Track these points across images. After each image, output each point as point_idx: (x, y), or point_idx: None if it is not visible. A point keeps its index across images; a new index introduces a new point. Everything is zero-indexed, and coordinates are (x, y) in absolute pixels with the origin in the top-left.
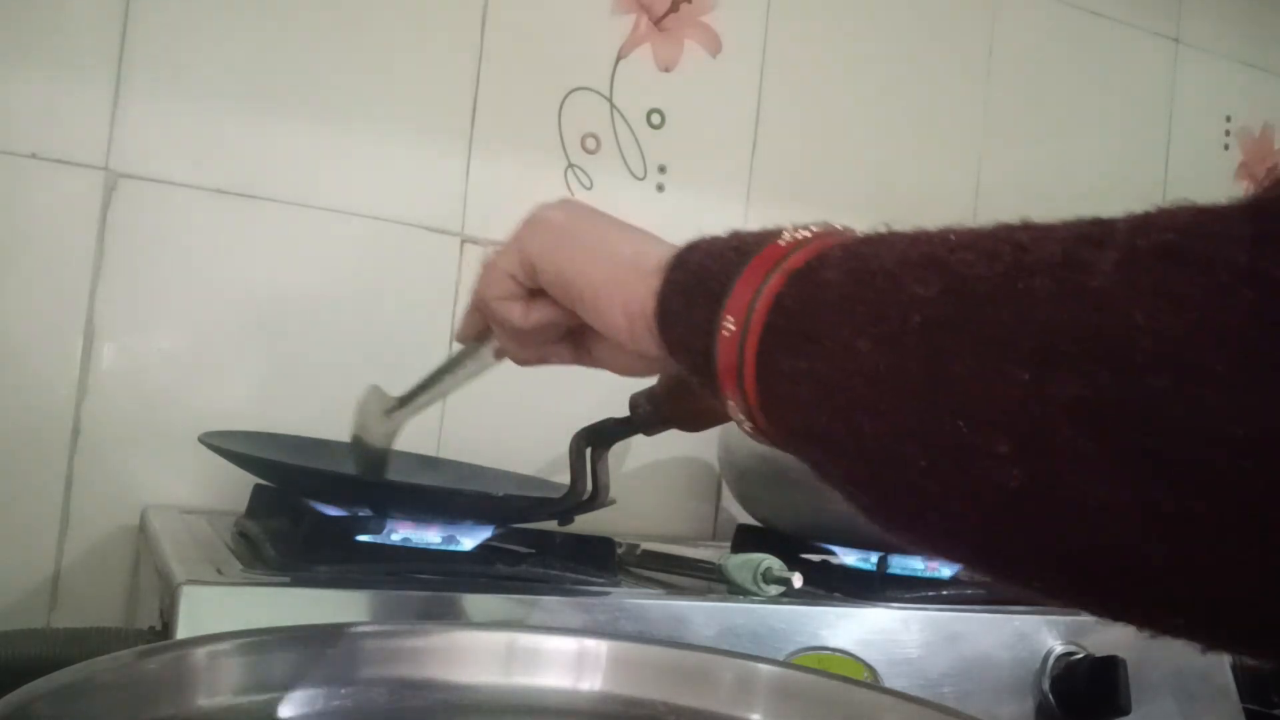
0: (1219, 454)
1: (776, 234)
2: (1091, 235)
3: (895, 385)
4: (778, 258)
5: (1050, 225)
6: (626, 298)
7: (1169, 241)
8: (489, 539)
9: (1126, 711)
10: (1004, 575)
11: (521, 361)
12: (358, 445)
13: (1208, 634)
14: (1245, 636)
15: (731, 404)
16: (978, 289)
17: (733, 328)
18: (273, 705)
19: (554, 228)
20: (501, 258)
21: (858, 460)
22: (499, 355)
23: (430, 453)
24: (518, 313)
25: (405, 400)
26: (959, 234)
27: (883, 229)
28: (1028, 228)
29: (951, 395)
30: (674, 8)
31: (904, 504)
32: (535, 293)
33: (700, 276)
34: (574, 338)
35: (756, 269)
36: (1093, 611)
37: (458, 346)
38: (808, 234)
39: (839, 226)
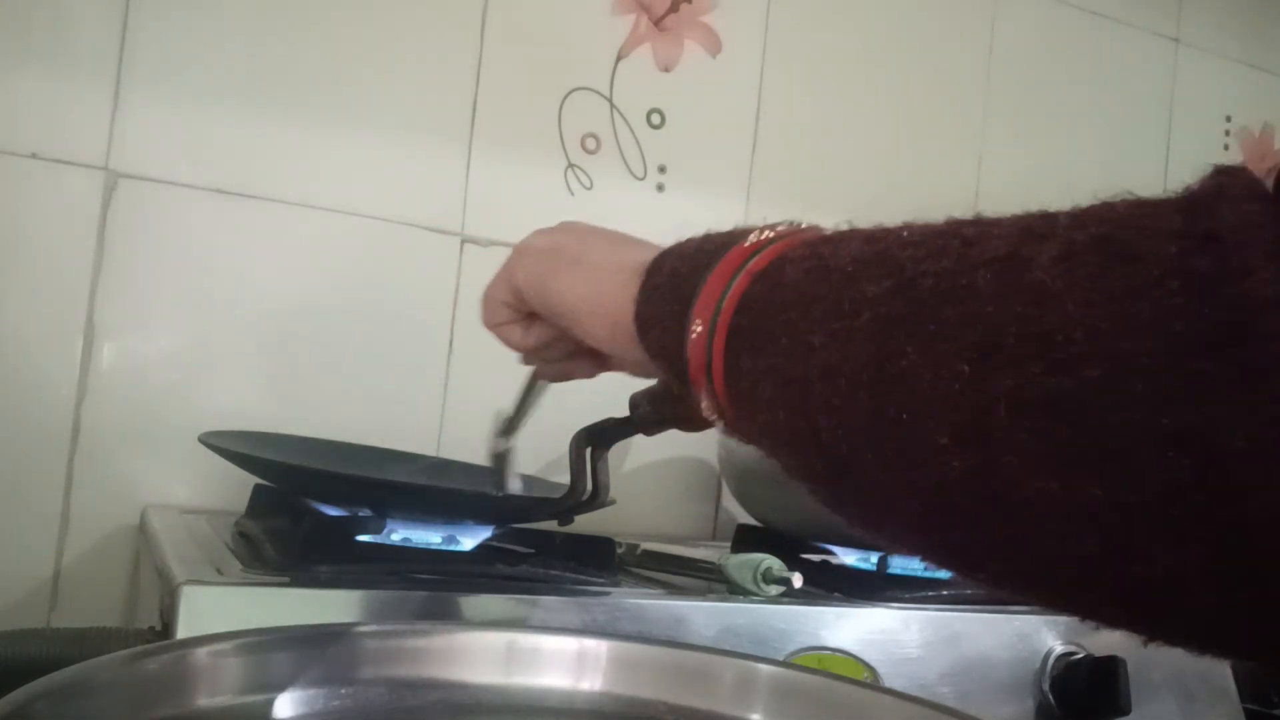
0: (1146, 446)
1: (743, 235)
2: (1034, 229)
3: (847, 380)
4: (743, 259)
5: (998, 220)
6: (608, 309)
7: (1104, 234)
8: (489, 539)
9: (1126, 711)
10: (952, 566)
11: (548, 379)
12: (493, 462)
13: (1142, 625)
14: (1177, 628)
15: (705, 404)
16: (924, 285)
17: (700, 329)
18: (272, 705)
19: (538, 253)
20: (494, 288)
21: (816, 456)
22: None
23: (430, 453)
24: (518, 336)
25: (512, 421)
26: (912, 230)
27: (845, 226)
28: (977, 222)
29: (897, 389)
30: (674, 8)
31: (860, 498)
32: (532, 315)
33: (672, 281)
34: (590, 352)
35: (723, 271)
36: (1036, 603)
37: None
38: (772, 234)
39: (804, 225)
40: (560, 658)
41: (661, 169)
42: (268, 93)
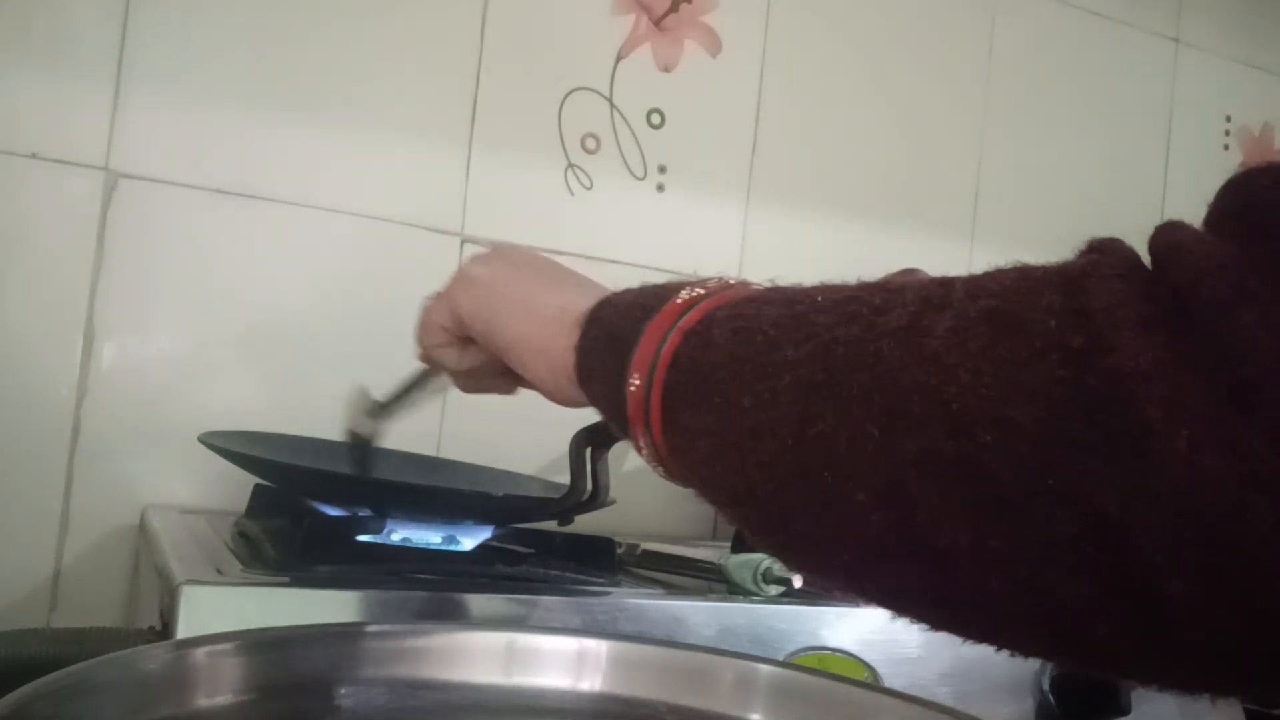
0: (1037, 503)
1: (676, 290)
2: (933, 298)
3: (773, 441)
4: (675, 316)
5: (903, 286)
6: (549, 353)
7: (993, 307)
8: (489, 539)
9: (1126, 711)
10: (889, 609)
11: (464, 390)
12: (350, 440)
13: (1064, 658)
14: (1094, 658)
15: (645, 452)
16: (837, 351)
17: (638, 383)
18: (272, 705)
19: (481, 284)
20: (433, 311)
21: (752, 509)
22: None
23: (430, 453)
24: (453, 358)
25: (384, 407)
26: (826, 295)
27: (768, 284)
28: (885, 288)
29: (819, 450)
30: (674, 8)
31: (794, 549)
32: (467, 339)
33: (611, 333)
34: (513, 374)
35: (657, 327)
36: (972, 640)
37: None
38: (702, 291)
39: (731, 281)
40: (560, 658)
41: (661, 169)
42: (268, 93)
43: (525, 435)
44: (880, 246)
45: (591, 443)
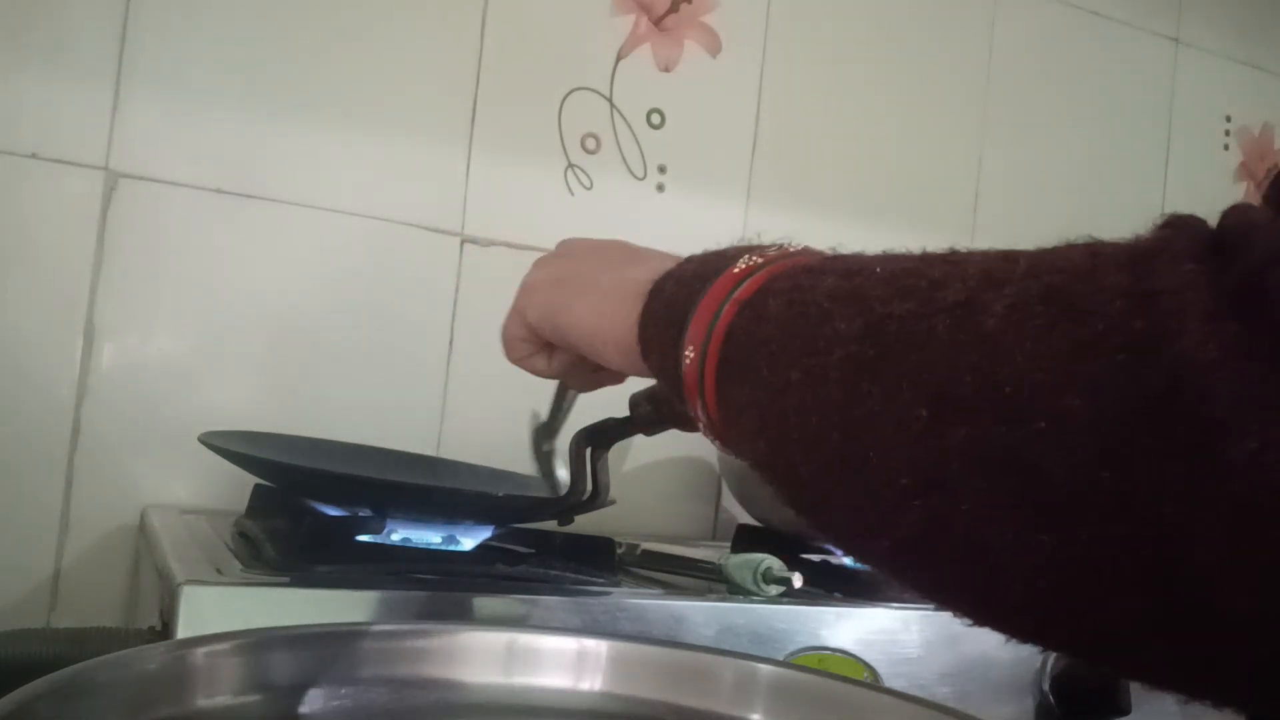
0: (1090, 500)
1: (734, 259)
2: (995, 273)
3: (818, 419)
4: (730, 287)
5: (966, 258)
6: (617, 334)
7: (1055, 285)
8: (489, 539)
9: (1126, 712)
10: (930, 600)
11: (582, 390)
12: (539, 462)
13: (1107, 664)
14: (1139, 668)
15: (701, 424)
16: (889, 328)
17: (692, 355)
18: (272, 705)
19: (545, 287)
20: (509, 326)
21: (794, 487)
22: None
23: (430, 453)
24: (542, 364)
25: (550, 424)
26: (885, 266)
27: (830, 251)
28: (948, 260)
29: (864, 430)
30: (674, 8)
31: (836, 531)
32: (550, 344)
33: (668, 306)
34: None
35: (711, 299)
36: (1015, 639)
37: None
38: (760, 259)
39: (792, 247)
40: (560, 658)
41: (661, 169)
42: (268, 93)
43: (525, 435)
44: (880, 246)
45: (591, 443)
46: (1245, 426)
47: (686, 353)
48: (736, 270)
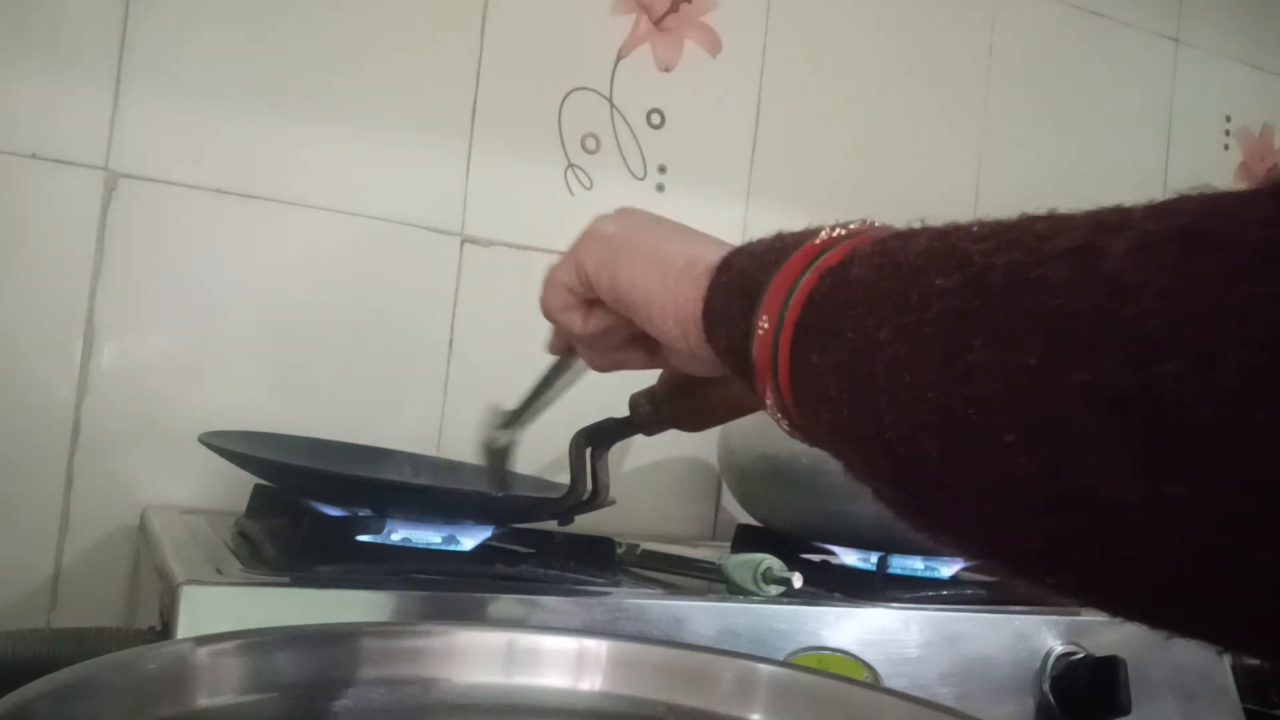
0: (1235, 442)
1: (814, 233)
2: (1109, 221)
3: (913, 375)
4: (812, 256)
5: (1072, 215)
6: (677, 304)
7: (1184, 224)
8: (489, 539)
9: (1126, 711)
10: (1020, 572)
11: (598, 368)
12: (487, 459)
13: (1223, 635)
14: (1263, 640)
15: (769, 403)
16: (993, 278)
17: (766, 325)
18: (273, 705)
19: (607, 239)
20: (559, 271)
21: (881, 453)
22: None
23: (430, 453)
24: (578, 321)
25: (515, 415)
26: (983, 225)
27: (916, 224)
28: (1050, 218)
29: (965, 384)
30: (674, 8)
31: (925, 499)
32: (593, 301)
33: (741, 278)
34: (644, 342)
35: (791, 268)
36: (1109, 611)
37: (549, 359)
38: (843, 231)
39: (876, 223)
40: (560, 658)
41: (661, 169)
42: (267, 93)
43: (525, 435)
44: None
45: (591, 443)
46: None
47: (760, 323)
48: (819, 240)
